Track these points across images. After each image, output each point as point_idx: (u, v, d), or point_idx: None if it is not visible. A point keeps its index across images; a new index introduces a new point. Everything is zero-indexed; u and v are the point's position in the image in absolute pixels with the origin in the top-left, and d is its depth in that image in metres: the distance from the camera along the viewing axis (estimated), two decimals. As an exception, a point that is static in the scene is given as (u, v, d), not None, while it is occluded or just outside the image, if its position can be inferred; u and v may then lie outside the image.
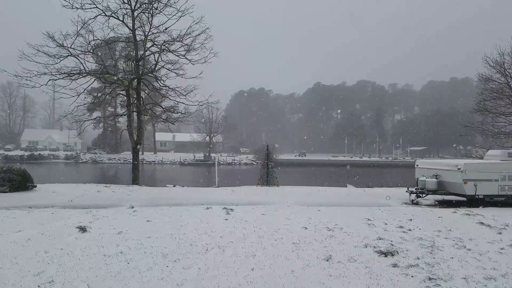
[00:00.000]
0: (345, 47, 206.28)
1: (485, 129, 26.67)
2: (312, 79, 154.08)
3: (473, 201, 16.29)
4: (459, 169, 16.07)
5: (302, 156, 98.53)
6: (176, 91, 24.79)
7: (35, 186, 17.90)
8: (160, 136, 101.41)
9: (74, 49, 22.48)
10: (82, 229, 9.29)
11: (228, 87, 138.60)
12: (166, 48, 24.25)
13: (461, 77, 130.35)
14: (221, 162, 75.49)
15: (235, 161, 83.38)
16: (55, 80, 22.62)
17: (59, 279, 6.36)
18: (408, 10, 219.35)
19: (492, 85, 25.48)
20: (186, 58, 24.12)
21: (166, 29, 23.82)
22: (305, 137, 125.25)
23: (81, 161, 79.27)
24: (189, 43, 23.70)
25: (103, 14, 22.71)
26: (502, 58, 24.43)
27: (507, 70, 24.47)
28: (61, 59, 22.35)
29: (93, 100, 27.59)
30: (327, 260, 7.60)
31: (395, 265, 7.36)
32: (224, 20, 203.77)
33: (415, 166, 19.05)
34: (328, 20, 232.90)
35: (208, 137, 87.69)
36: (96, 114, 44.71)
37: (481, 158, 22.29)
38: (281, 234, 9.49)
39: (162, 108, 28.79)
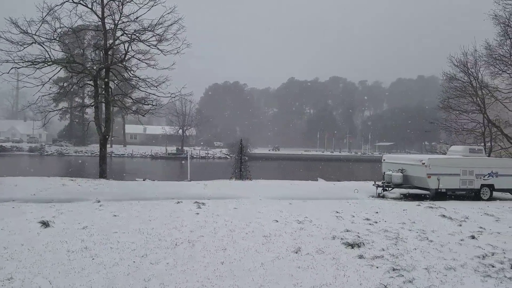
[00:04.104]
0: (320, 44, 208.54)
1: (448, 126, 27.67)
2: (286, 75, 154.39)
3: (436, 195, 16.95)
4: (423, 163, 16.66)
5: (275, 150, 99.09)
6: (147, 82, 24.17)
7: (-5, 179, 17.06)
8: (130, 129, 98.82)
9: (39, 36, 21.48)
10: (45, 224, 8.97)
11: (202, 80, 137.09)
12: (137, 38, 23.59)
13: (428, 75, 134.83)
14: (194, 156, 74.75)
15: (209, 155, 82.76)
16: (18, 68, 21.56)
17: (19, 276, 6.11)
18: (381, 9, 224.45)
19: (456, 83, 26.43)
20: (158, 49, 23.54)
21: (137, 18, 23.14)
22: (279, 132, 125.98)
23: (46, 153, 76.28)
24: (161, 33, 23.16)
25: (71, 0, 21.80)
26: (465, 57, 25.40)
27: (470, 69, 25.47)
28: (24, 46, 21.31)
29: (59, 90, 26.52)
30: (296, 252, 7.70)
31: (361, 257, 7.55)
32: (201, 13, 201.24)
33: (382, 160, 19.61)
34: (303, 19, 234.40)
35: (181, 130, 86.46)
36: (62, 104, 42.98)
37: (445, 153, 23.17)
38: (252, 228, 9.53)
39: (132, 99, 28.05)
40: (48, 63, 22.13)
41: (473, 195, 17.42)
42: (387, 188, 17.71)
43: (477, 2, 22.87)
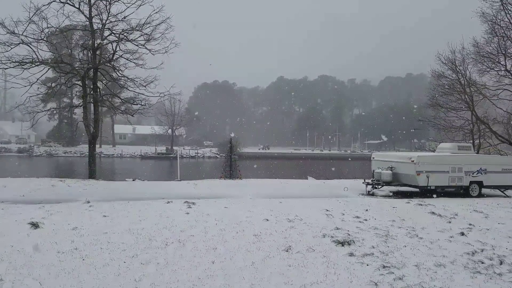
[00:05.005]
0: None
1: (437, 123, 27.96)
2: (275, 73, 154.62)
3: (425, 192, 17.15)
4: (412, 161, 16.81)
5: (265, 149, 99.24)
6: (136, 82, 24.00)
7: (-18, 181, 16.79)
8: (119, 129, 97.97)
9: (26, 36, 21.22)
10: (35, 225, 8.86)
11: (191, 79, 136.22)
12: (125, 37, 23.41)
13: (417, 73, 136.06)
14: (184, 155, 74.38)
15: (199, 154, 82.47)
16: (5, 69, 21.32)
17: (9, 278, 6.06)
18: (367, 9, 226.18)
19: (444, 81, 26.71)
20: (146, 48, 23.40)
21: (125, 17, 22.95)
22: (268, 131, 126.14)
23: (35, 154, 75.25)
24: (149, 33, 23.02)
25: (58, 0, 21.54)
26: (453, 55, 25.68)
27: (458, 67, 25.75)
28: (12, 46, 21.06)
29: (47, 91, 26.22)
30: (287, 251, 7.73)
31: (351, 254, 7.62)
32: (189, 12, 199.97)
33: (371, 158, 19.75)
34: (292, 16, 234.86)
35: (170, 130, 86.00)
36: (51, 105, 42.47)
37: (433, 151, 23.41)
38: (242, 227, 9.53)
39: (121, 99, 27.85)
40: (36, 64, 21.87)
41: (462, 192, 17.61)
42: (376, 186, 17.84)
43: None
